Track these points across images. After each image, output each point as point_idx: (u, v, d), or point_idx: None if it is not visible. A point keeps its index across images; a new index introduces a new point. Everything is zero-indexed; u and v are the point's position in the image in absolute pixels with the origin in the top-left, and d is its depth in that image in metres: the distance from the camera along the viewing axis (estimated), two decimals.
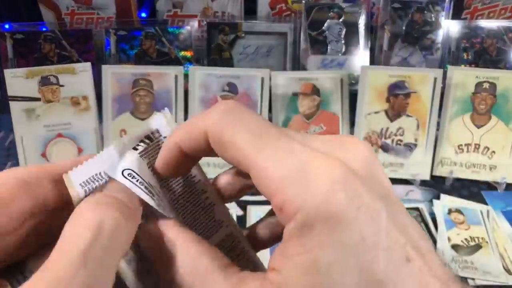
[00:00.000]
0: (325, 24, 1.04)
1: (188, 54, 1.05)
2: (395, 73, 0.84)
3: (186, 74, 0.88)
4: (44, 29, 1.04)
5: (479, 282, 0.65)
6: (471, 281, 0.65)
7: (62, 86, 0.84)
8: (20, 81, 0.82)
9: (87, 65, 0.85)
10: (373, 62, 1.07)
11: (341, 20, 1.05)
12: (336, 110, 0.88)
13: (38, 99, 0.83)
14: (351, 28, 1.04)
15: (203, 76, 0.86)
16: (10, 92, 0.82)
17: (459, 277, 0.66)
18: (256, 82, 0.86)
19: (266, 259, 0.21)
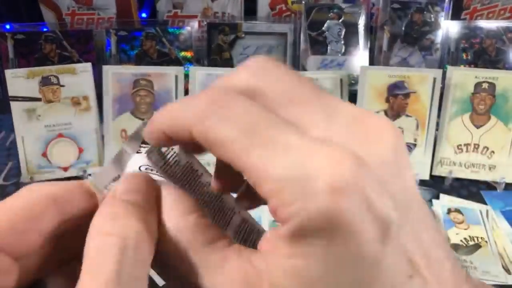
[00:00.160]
0: (325, 25, 1.05)
1: (188, 54, 1.05)
2: (394, 73, 0.85)
3: (186, 74, 0.88)
4: (45, 29, 1.04)
5: None
6: None
7: (62, 86, 0.84)
8: (21, 81, 0.82)
9: (88, 66, 0.85)
10: (372, 62, 1.07)
11: (340, 20, 1.05)
12: None
13: (39, 99, 0.83)
14: (351, 29, 1.05)
15: (203, 76, 0.87)
16: (11, 92, 0.82)
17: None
18: None
19: None
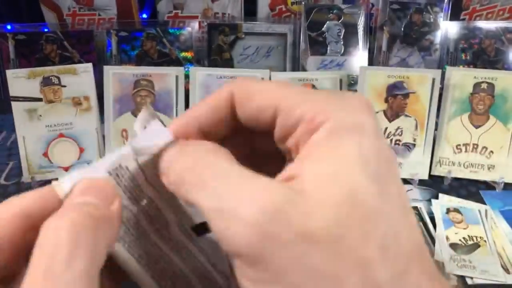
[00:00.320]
0: (325, 25, 1.05)
1: (189, 55, 1.05)
2: (393, 74, 0.85)
3: (186, 74, 0.88)
4: (46, 30, 1.04)
5: (477, 281, 0.66)
6: (469, 280, 0.66)
7: (63, 86, 0.84)
8: (22, 81, 0.82)
9: (89, 66, 0.85)
10: (372, 62, 1.07)
11: (340, 21, 1.05)
12: None
13: (40, 100, 0.83)
14: (350, 29, 1.05)
15: (203, 77, 0.87)
16: (12, 92, 0.82)
17: (456, 275, 0.66)
18: None
19: None
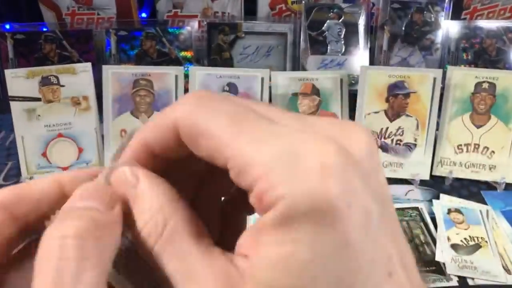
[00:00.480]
0: (325, 25, 1.05)
1: (188, 54, 1.05)
2: (394, 73, 0.85)
3: (186, 74, 0.88)
4: (45, 29, 1.04)
5: (479, 281, 0.65)
6: (470, 281, 0.65)
7: (62, 86, 0.84)
8: (20, 81, 0.82)
9: (88, 65, 0.85)
10: (372, 62, 1.07)
11: (340, 20, 1.05)
12: (336, 110, 0.88)
13: (39, 99, 0.83)
14: (351, 28, 1.05)
15: (203, 76, 0.86)
16: (11, 92, 0.82)
17: (457, 276, 0.66)
18: (256, 82, 0.86)
19: None
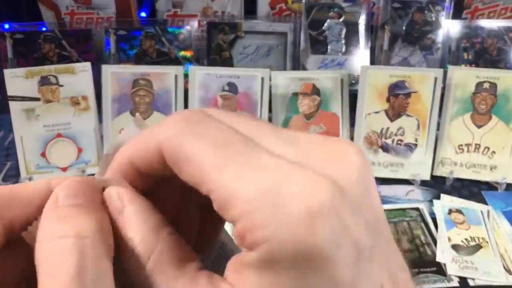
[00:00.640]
0: (325, 24, 1.04)
1: (188, 54, 1.05)
2: (395, 73, 0.84)
3: (186, 74, 0.87)
4: (44, 29, 1.04)
5: (479, 282, 0.65)
6: (471, 281, 0.65)
7: (61, 86, 0.83)
8: (19, 81, 0.82)
9: (87, 65, 0.85)
10: (373, 62, 1.06)
11: (341, 20, 1.04)
12: (336, 110, 0.88)
13: (38, 99, 0.83)
14: (351, 28, 1.04)
15: (203, 76, 0.86)
16: (10, 92, 0.82)
17: (458, 277, 0.66)
18: (256, 82, 0.86)
19: None
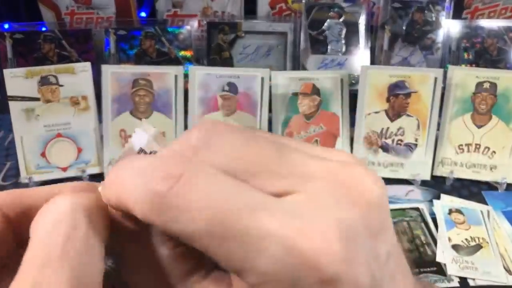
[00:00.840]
0: (325, 24, 1.04)
1: (188, 54, 1.05)
2: (395, 73, 0.84)
3: (186, 74, 0.87)
4: (44, 29, 1.03)
5: (480, 282, 0.65)
6: (471, 282, 0.65)
7: (61, 86, 0.83)
8: (19, 81, 0.82)
9: (87, 65, 0.85)
10: (373, 62, 1.06)
11: (341, 19, 1.04)
12: (336, 110, 0.87)
13: (38, 99, 0.83)
14: (352, 28, 1.04)
15: (203, 76, 0.86)
16: (10, 92, 0.82)
17: (458, 277, 0.66)
18: (256, 82, 0.86)
19: None
